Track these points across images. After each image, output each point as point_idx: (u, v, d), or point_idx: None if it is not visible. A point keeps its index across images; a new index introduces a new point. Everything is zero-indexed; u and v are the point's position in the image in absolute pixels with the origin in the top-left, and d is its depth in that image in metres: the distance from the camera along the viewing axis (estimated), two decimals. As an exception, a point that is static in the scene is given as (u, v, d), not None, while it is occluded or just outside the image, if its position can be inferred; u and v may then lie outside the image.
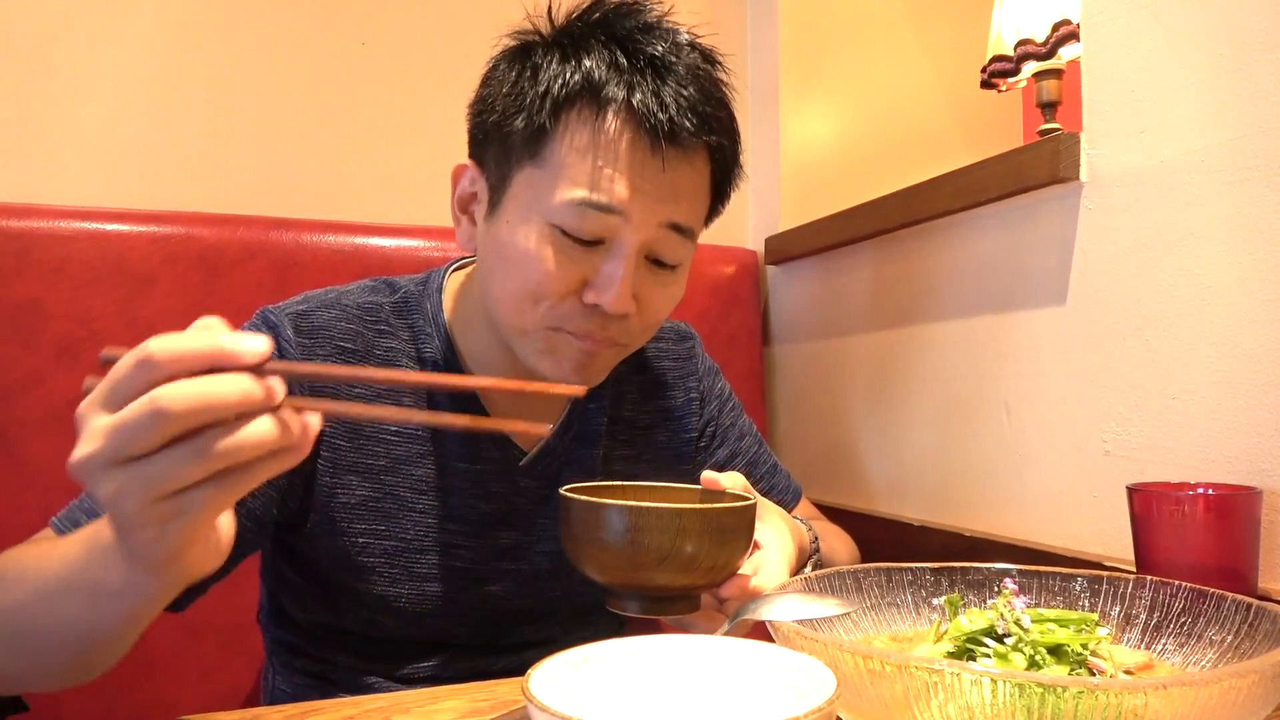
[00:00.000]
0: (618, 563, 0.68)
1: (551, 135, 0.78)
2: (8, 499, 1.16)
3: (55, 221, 1.22)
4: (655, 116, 0.77)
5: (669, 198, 0.80)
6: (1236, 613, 0.62)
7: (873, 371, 1.42)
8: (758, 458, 1.09)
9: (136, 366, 0.46)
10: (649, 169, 0.78)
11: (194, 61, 1.44)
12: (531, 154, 0.79)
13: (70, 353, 1.20)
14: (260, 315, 0.87)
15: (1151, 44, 0.94)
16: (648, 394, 1.02)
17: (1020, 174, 1.08)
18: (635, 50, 0.79)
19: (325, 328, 0.86)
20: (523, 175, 0.80)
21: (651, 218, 0.79)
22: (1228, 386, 0.87)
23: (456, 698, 0.69)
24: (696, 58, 0.81)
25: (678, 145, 0.78)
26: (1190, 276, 0.91)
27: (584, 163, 0.77)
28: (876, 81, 1.72)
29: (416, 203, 1.53)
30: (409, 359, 0.89)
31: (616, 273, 0.79)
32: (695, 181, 0.82)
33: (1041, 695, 0.47)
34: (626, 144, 0.77)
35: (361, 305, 0.89)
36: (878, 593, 0.73)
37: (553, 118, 0.78)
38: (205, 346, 0.47)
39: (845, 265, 1.49)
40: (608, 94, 0.77)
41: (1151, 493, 0.79)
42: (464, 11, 1.59)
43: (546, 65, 0.79)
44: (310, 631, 0.93)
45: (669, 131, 0.77)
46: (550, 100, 0.78)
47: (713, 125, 0.81)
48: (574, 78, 0.78)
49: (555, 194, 0.78)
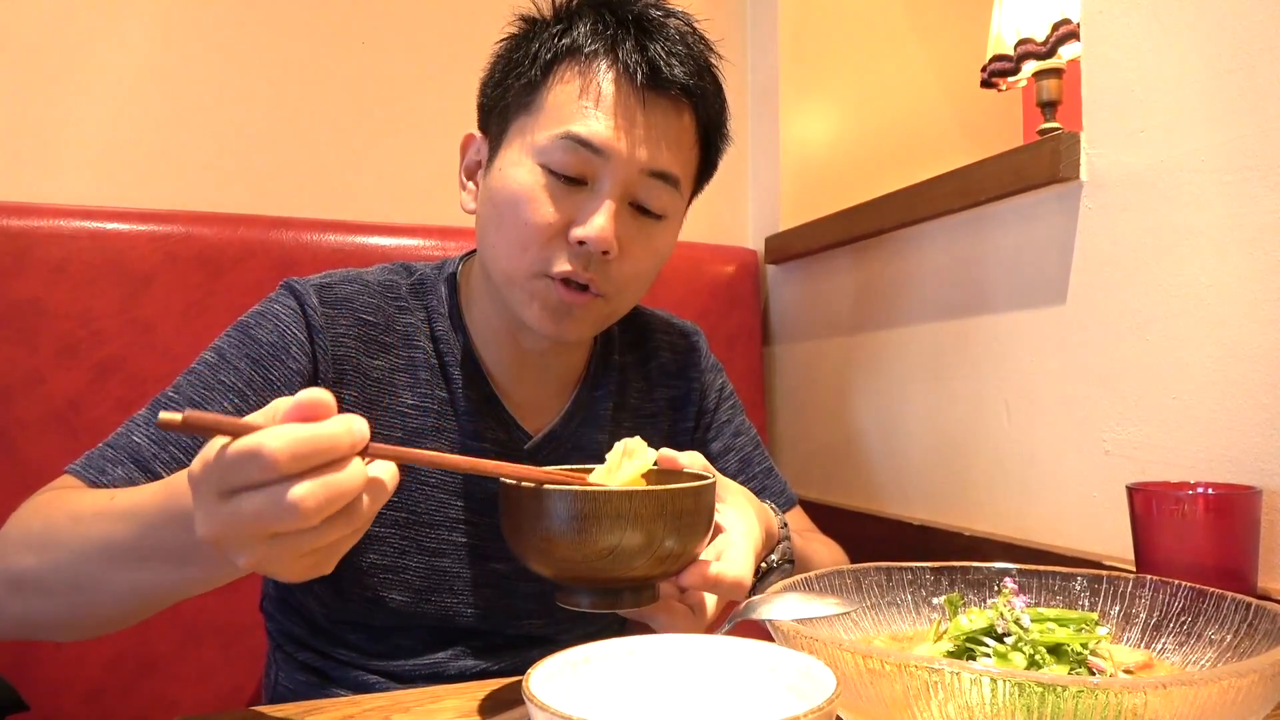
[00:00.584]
0: (565, 553, 0.61)
1: (542, 86, 0.84)
2: (8, 499, 1.16)
3: (55, 221, 1.22)
4: (639, 64, 0.82)
5: (651, 140, 0.83)
6: (1236, 612, 0.62)
7: (872, 371, 1.42)
8: (752, 458, 1.08)
9: (250, 460, 0.48)
10: (630, 108, 0.82)
11: (194, 61, 1.44)
12: (525, 106, 0.85)
13: (70, 352, 1.20)
14: (285, 285, 0.90)
15: (1151, 44, 0.94)
16: (652, 383, 1.04)
17: (1020, 174, 1.08)
18: (624, 12, 0.85)
19: (349, 300, 0.89)
20: (517, 124, 0.85)
21: (633, 159, 0.82)
22: (1228, 386, 0.87)
23: (456, 697, 0.69)
24: (685, 25, 0.87)
25: (658, 89, 0.83)
26: (1190, 276, 0.91)
27: (570, 104, 0.82)
28: (876, 81, 1.72)
29: (416, 203, 1.53)
30: (424, 335, 0.92)
31: (598, 206, 0.82)
32: (678, 129, 0.85)
33: (1041, 695, 0.47)
34: (609, 85, 0.82)
35: (381, 283, 0.93)
36: (878, 593, 0.73)
37: (544, 70, 0.84)
38: (319, 450, 0.49)
39: (845, 265, 1.49)
40: (595, 47, 0.83)
41: (1151, 493, 0.79)
42: (464, 11, 1.59)
43: (543, 33, 0.86)
44: (312, 621, 0.93)
45: (649, 75, 0.82)
46: (541, 56, 0.84)
47: (694, 75, 0.85)
48: (564, 39, 0.84)
49: (543, 133, 0.82)
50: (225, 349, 0.85)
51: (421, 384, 0.90)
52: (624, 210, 0.84)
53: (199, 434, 0.51)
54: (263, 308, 0.88)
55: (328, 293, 0.89)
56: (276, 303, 0.88)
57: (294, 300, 0.88)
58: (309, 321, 0.86)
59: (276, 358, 0.84)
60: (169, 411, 0.48)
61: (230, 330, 0.87)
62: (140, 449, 0.78)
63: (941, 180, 1.21)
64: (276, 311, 0.87)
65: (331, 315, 0.87)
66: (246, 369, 0.83)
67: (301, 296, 0.87)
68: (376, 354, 0.89)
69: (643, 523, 0.60)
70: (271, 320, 0.86)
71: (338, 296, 0.89)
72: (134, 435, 0.79)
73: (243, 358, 0.84)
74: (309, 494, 0.48)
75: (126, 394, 1.22)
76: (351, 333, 0.88)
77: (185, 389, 0.82)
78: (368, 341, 0.89)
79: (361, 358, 0.88)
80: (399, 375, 0.90)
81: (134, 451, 0.78)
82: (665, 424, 1.04)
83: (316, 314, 0.87)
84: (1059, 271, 1.06)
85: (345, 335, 0.88)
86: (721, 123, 0.91)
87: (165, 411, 0.49)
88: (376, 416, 0.88)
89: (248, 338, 0.85)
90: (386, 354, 0.90)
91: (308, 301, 0.87)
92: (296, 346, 0.85)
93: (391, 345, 0.90)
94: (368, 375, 0.88)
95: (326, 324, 0.87)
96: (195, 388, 0.82)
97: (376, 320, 0.90)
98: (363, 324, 0.89)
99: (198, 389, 0.81)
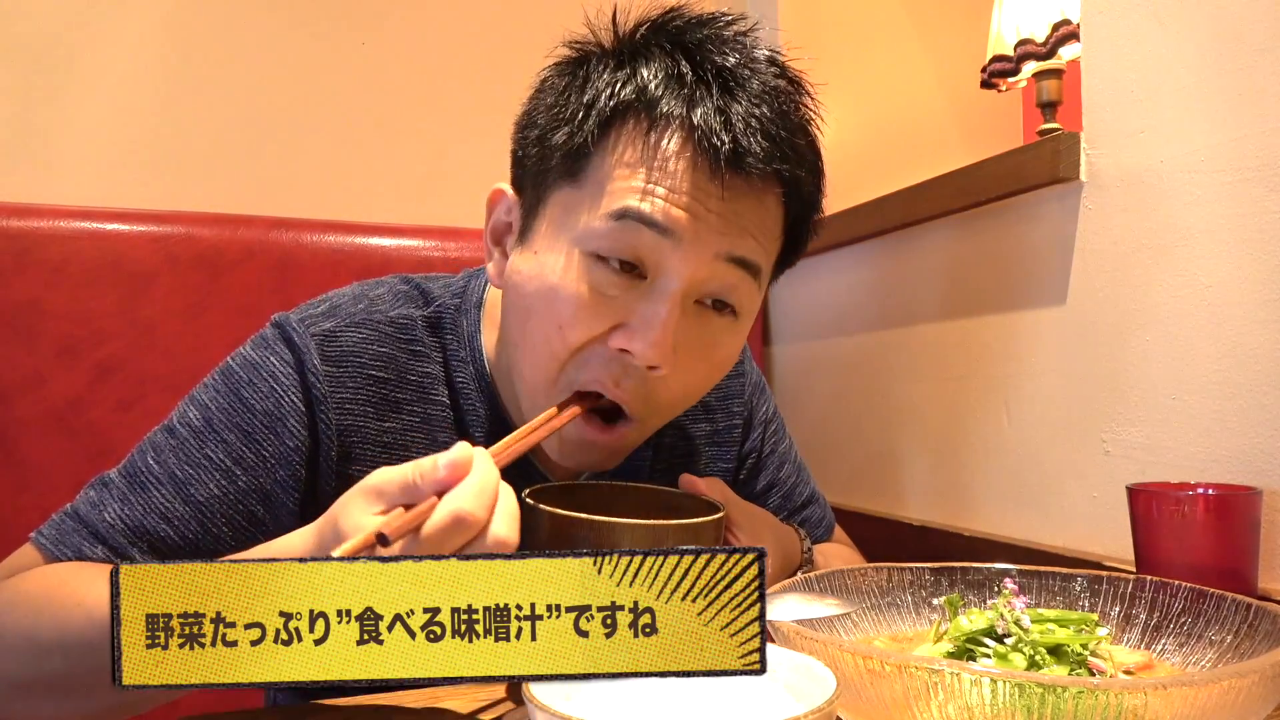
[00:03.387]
0: None
1: (595, 152, 0.68)
2: (8, 499, 1.16)
3: (55, 221, 1.22)
4: (718, 136, 0.65)
5: (728, 230, 0.67)
6: (1236, 613, 0.62)
7: (873, 371, 1.42)
8: (794, 489, 0.99)
9: (457, 525, 0.53)
10: (706, 194, 0.66)
11: (194, 62, 1.44)
12: (570, 173, 0.69)
13: (70, 353, 1.20)
14: (282, 334, 0.76)
15: (1151, 44, 0.94)
16: (691, 418, 0.91)
17: (1020, 174, 1.08)
18: (702, 60, 0.68)
19: (355, 353, 0.76)
20: (557, 197, 0.70)
21: (706, 248, 0.67)
22: (1228, 386, 0.87)
23: (456, 698, 0.69)
24: (774, 74, 0.70)
25: (742, 172, 0.66)
26: (1190, 276, 0.91)
27: (631, 177, 0.66)
28: (876, 81, 1.72)
29: (416, 203, 1.53)
30: (442, 384, 0.79)
31: (659, 313, 0.66)
32: (762, 218, 0.70)
33: (1041, 695, 0.47)
34: (683, 164, 0.66)
35: (394, 321, 0.79)
36: (878, 593, 0.73)
37: (598, 131, 0.67)
38: (489, 490, 0.55)
39: (845, 265, 1.49)
40: (664, 108, 0.66)
41: (1151, 493, 0.79)
42: (464, 11, 1.59)
43: (599, 75, 0.69)
44: None
45: (732, 154, 0.65)
46: (596, 112, 0.67)
47: (787, 153, 0.68)
48: (626, 88, 0.67)
49: (592, 213, 0.67)
50: (213, 412, 0.73)
51: (438, 445, 0.76)
52: (688, 311, 0.69)
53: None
54: (256, 357, 0.75)
55: (332, 345, 0.75)
56: (273, 355, 0.75)
57: (292, 358, 0.74)
58: (310, 391, 0.74)
59: (272, 430, 0.73)
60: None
61: (219, 381, 0.76)
62: (113, 532, 0.70)
63: (941, 180, 1.21)
64: (273, 372, 0.74)
65: (336, 377, 0.75)
66: (236, 443, 0.72)
67: (301, 355, 0.74)
68: (387, 415, 0.77)
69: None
70: (267, 382, 0.74)
71: (343, 350, 0.76)
72: (106, 511, 0.71)
73: (232, 428, 0.72)
74: (507, 529, 0.55)
75: (126, 394, 1.22)
76: (360, 396, 0.76)
77: (169, 461, 0.72)
78: (378, 403, 0.77)
79: (371, 423, 0.76)
80: (412, 436, 0.78)
81: (105, 533, 0.70)
82: (704, 460, 0.93)
83: (319, 379, 0.74)
84: (1059, 271, 1.06)
85: (352, 401, 0.75)
86: (816, 204, 0.74)
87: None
88: (381, 455, 0.78)
89: (239, 401, 0.73)
90: (398, 413, 0.77)
91: (308, 363, 0.74)
92: (294, 419, 0.73)
93: (404, 401, 0.78)
94: (378, 441, 0.77)
95: (331, 389, 0.74)
96: (179, 462, 0.72)
97: (388, 375, 0.77)
98: (372, 382, 0.76)
99: (181, 464, 0.72)
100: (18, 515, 1.15)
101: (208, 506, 0.71)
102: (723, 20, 0.71)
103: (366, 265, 1.34)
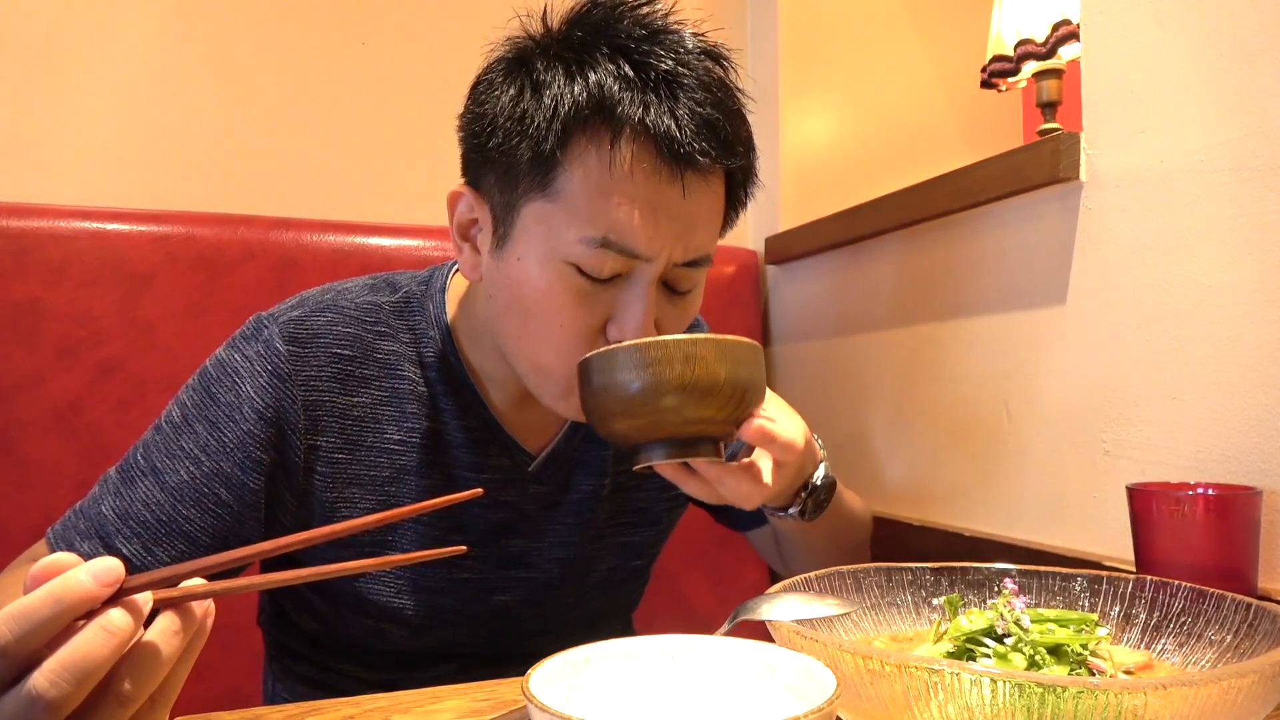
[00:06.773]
0: (640, 406, 0.70)
1: (562, 164, 0.74)
2: (8, 499, 1.16)
3: (55, 221, 1.22)
4: (673, 140, 0.72)
5: (688, 229, 0.77)
6: (1236, 613, 0.62)
7: (872, 371, 1.42)
8: None
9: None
10: (668, 198, 0.75)
11: (194, 61, 1.44)
12: (541, 185, 0.75)
13: (70, 353, 1.20)
14: (253, 323, 0.84)
15: (1151, 44, 0.94)
16: None
17: (1020, 174, 1.08)
18: (644, 64, 0.74)
19: (320, 334, 0.82)
20: (533, 208, 0.76)
21: (673, 254, 0.77)
22: (1228, 386, 0.87)
23: (456, 698, 0.69)
24: (708, 65, 0.77)
25: (697, 170, 0.75)
26: (1190, 276, 0.91)
27: (600, 200, 0.74)
28: (876, 81, 1.72)
29: (416, 203, 1.53)
30: (410, 362, 0.86)
31: (639, 306, 0.77)
32: (713, 204, 0.80)
33: (1041, 695, 0.47)
34: (643, 175, 0.73)
35: (360, 305, 0.85)
36: (878, 593, 0.73)
37: (561, 145, 0.74)
38: (51, 621, 0.42)
39: (845, 265, 1.49)
40: (621, 114, 0.73)
41: (1151, 493, 0.79)
42: (464, 11, 1.59)
43: (550, 82, 0.75)
44: (313, 639, 0.92)
45: (686, 156, 0.73)
46: (558, 124, 0.73)
47: (732, 145, 0.76)
48: (581, 96, 0.73)
49: (571, 231, 0.74)
50: (188, 406, 0.81)
51: (408, 417, 0.85)
52: (661, 294, 0.80)
53: None
54: (225, 355, 0.83)
55: (299, 328, 0.82)
56: (238, 351, 0.82)
57: (256, 347, 0.81)
58: (274, 369, 0.80)
59: (231, 419, 0.79)
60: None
61: (196, 380, 0.83)
62: (105, 522, 0.77)
63: (941, 180, 1.21)
64: (236, 365, 0.81)
65: (301, 356, 0.81)
66: (204, 432, 0.79)
67: (267, 342, 0.81)
68: (355, 390, 0.83)
69: (707, 364, 0.69)
70: (230, 376, 0.81)
71: (309, 332, 0.82)
72: (102, 505, 0.78)
73: (201, 420, 0.80)
74: (51, 684, 0.40)
75: (126, 394, 1.22)
76: (325, 373, 0.82)
77: (152, 455, 0.80)
78: (344, 379, 0.83)
79: (338, 398, 0.82)
80: (382, 409, 0.84)
81: (100, 525, 0.77)
82: None
83: (282, 360, 0.80)
84: (1059, 271, 1.06)
85: (317, 377, 0.81)
86: (752, 176, 0.83)
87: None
88: (359, 457, 0.83)
89: (208, 395, 0.81)
90: (366, 388, 0.84)
91: (273, 346, 0.80)
92: (249, 407, 0.79)
93: (372, 377, 0.84)
94: (346, 415, 0.83)
95: (295, 369, 0.80)
96: (160, 455, 0.79)
97: (354, 353, 0.83)
98: (337, 360, 0.82)
99: (161, 456, 0.79)
100: (18, 515, 1.15)
101: (178, 491, 0.78)
102: (642, 3, 0.78)
103: (366, 265, 1.34)
